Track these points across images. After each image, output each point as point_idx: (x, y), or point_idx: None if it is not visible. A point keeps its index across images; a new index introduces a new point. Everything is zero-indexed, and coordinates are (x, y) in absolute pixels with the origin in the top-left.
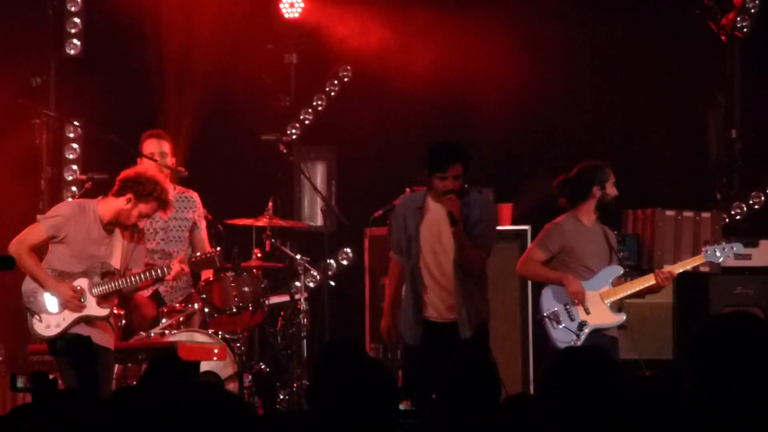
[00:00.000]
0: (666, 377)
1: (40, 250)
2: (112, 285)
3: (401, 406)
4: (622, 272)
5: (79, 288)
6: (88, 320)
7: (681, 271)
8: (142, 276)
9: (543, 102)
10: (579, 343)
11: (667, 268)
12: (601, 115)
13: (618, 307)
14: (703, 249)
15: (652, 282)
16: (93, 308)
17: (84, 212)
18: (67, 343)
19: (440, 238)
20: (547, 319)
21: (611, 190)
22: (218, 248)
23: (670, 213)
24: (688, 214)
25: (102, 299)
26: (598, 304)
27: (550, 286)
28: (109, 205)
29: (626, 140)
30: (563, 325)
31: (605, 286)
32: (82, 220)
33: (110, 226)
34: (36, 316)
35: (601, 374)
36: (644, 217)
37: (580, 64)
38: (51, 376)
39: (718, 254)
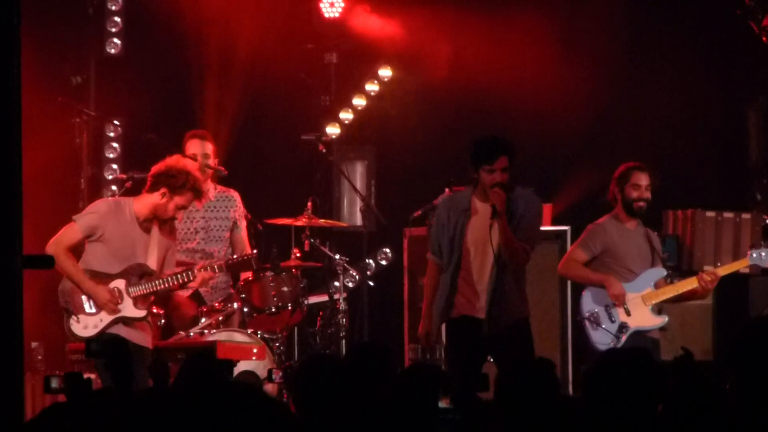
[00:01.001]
0: (708, 378)
1: (77, 250)
2: (150, 286)
3: (441, 404)
4: (665, 274)
5: (115, 289)
6: (126, 321)
7: (725, 274)
8: (170, 280)
9: (583, 103)
10: (619, 345)
11: (710, 270)
12: (642, 115)
13: (659, 309)
14: (748, 252)
15: (695, 285)
16: (130, 309)
17: (121, 210)
18: (102, 345)
19: (487, 240)
20: (587, 321)
21: (629, 193)
22: (255, 251)
23: (710, 214)
24: (728, 215)
25: (139, 300)
26: (640, 306)
27: (590, 287)
28: (144, 202)
29: (667, 141)
30: (603, 326)
31: (647, 288)
32: (120, 218)
33: (147, 223)
34: (74, 317)
35: (645, 377)
36: (684, 217)
37: (620, 65)
38: (85, 376)
39: (764, 256)
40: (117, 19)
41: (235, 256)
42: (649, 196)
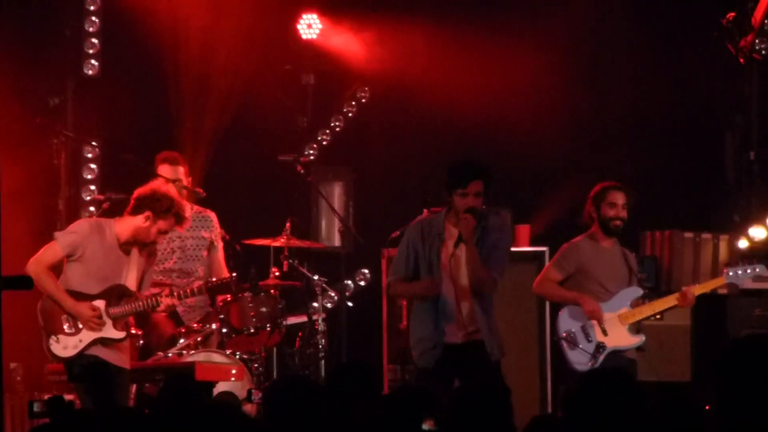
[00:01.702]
0: (686, 398)
1: (55, 270)
2: (129, 307)
3: (425, 426)
4: (641, 294)
5: (96, 310)
6: (105, 342)
7: (702, 292)
8: (141, 303)
9: (562, 123)
10: (596, 365)
11: (686, 289)
12: (620, 136)
13: (636, 328)
14: (724, 270)
15: (672, 303)
16: (110, 330)
17: (102, 231)
18: (84, 369)
19: (461, 264)
20: (563, 341)
21: (606, 212)
22: (234, 274)
23: (688, 235)
24: (706, 236)
25: (119, 321)
26: (616, 326)
27: (567, 306)
28: (126, 224)
29: (644, 162)
30: (580, 346)
31: (624, 307)
32: (100, 238)
33: (127, 246)
34: (53, 337)
35: (625, 397)
36: (662, 238)
37: (597, 85)
38: (67, 399)
39: (740, 275)
40: (94, 40)
41: (214, 279)
42: (625, 215)
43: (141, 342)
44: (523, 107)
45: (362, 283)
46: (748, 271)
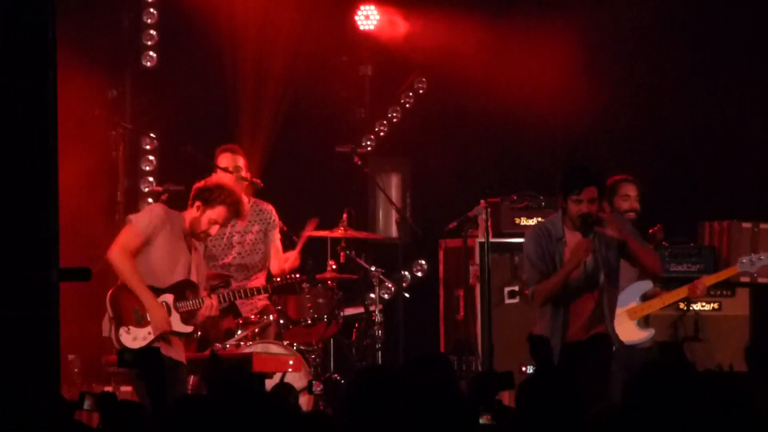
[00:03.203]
0: (743, 390)
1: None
2: (196, 302)
3: (482, 420)
4: (651, 287)
5: (164, 303)
6: (165, 335)
7: (713, 283)
8: (203, 301)
9: (616, 116)
10: None
11: (698, 280)
12: (679, 126)
13: (645, 321)
14: (739, 259)
15: (684, 295)
16: (178, 325)
17: (173, 219)
18: (135, 356)
19: (582, 268)
20: None
21: (620, 204)
22: (299, 275)
23: (746, 225)
24: (765, 226)
25: (186, 315)
26: (624, 322)
27: None
28: (186, 215)
29: (703, 151)
30: None
31: (632, 302)
32: (171, 226)
33: (188, 239)
34: (123, 327)
35: (685, 388)
36: (720, 228)
37: (657, 74)
38: (122, 391)
39: (754, 263)
40: (152, 32)
41: (278, 279)
42: (638, 207)
43: (199, 334)
44: (578, 99)
45: (419, 274)
46: (762, 258)
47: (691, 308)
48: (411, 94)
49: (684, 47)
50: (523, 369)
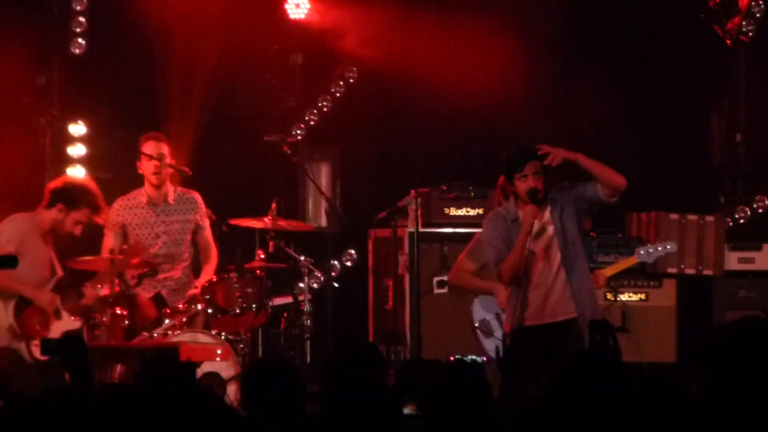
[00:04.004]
0: (670, 381)
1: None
2: (76, 297)
3: (406, 410)
4: None
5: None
6: None
7: (613, 273)
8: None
9: (548, 106)
10: None
11: (600, 272)
12: (606, 118)
13: None
14: (636, 251)
15: None
16: (68, 322)
17: (32, 224)
18: (59, 343)
19: (536, 247)
20: (478, 330)
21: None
22: (201, 297)
23: (674, 216)
24: (692, 217)
25: (70, 311)
26: None
27: (481, 296)
28: (43, 217)
29: (631, 143)
30: (495, 334)
31: None
32: (33, 230)
33: (47, 236)
34: (33, 341)
35: (609, 379)
36: (648, 219)
37: (584, 67)
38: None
39: (651, 253)
40: (81, 19)
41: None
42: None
43: (126, 322)
44: (510, 89)
45: (349, 263)
46: (659, 248)
47: (618, 299)
48: (341, 83)
49: (610, 39)
50: (452, 358)
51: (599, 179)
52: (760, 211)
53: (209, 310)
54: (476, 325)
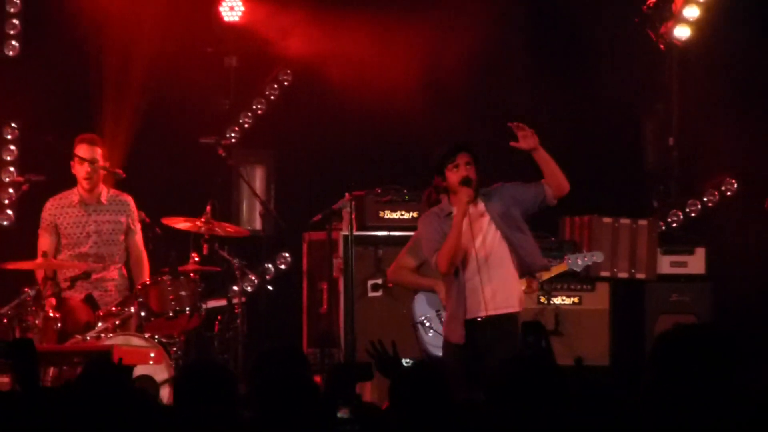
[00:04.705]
0: (604, 384)
1: None
2: None
3: (339, 414)
4: None
5: None
6: None
7: (546, 279)
8: None
9: (479, 107)
10: None
11: (528, 279)
12: (539, 120)
13: None
14: (565, 258)
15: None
16: None
17: None
18: (8, 346)
19: (475, 237)
20: (419, 325)
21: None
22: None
23: (607, 220)
24: (625, 221)
25: None
26: None
27: (423, 292)
28: None
29: (564, 147)
30: (434, 330)
31: None
32: None
33: None
34: None
35: (545, 382)
36: (581, 223)
37: (517, 71)
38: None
39: (579, 262)
40: (15, 21)
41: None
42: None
43: (59, 325)
44: (444, 93)
45: (283, 266)
46: (586, 258)
47: (551, 302)
48: (276, 86)
49: (543, 42)
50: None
51: (549, 178)
52: (693, 215)
53: (142, 313)
54: (418, 320)
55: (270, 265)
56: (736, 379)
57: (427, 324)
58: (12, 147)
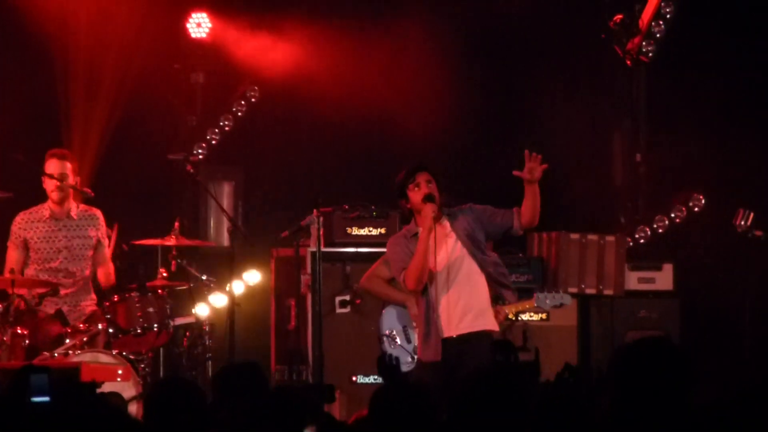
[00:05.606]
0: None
1: None
2: None
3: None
4: None
5: None
6: None
7: (515, 312)
8: None
9: (452, 122)
10: (413, 365)
11: (501, 308)
12: (507, 137)
13: None
14: (535, 294)
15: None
16: None
17: None
18: None
19: (441, 254)
20: (385, 338)
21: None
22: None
23: (574, 236)
24: (592, 237)
25: None
26: None
27: (393, 306)
28: None
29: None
30: (400, 344)
31: None
32: None
33: None
34: None
35: (516, 395)
36: (549, 239)
37: (485, 87)
38: None
39: (548, 302)
40: None
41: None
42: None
43: (27, 342)
44: (413, 106)
45: (251, 283)
46: (555, 297)
47: (519, 318)
48: (243, 102)
49: (511, 58)
50: (354, 378)
51: (527, 210)
52: (660, 231)
53: (110, 330)
54: (385, 333)
55: (238, 282)
56: (689, 391)
57: (394, 338)
58: None
